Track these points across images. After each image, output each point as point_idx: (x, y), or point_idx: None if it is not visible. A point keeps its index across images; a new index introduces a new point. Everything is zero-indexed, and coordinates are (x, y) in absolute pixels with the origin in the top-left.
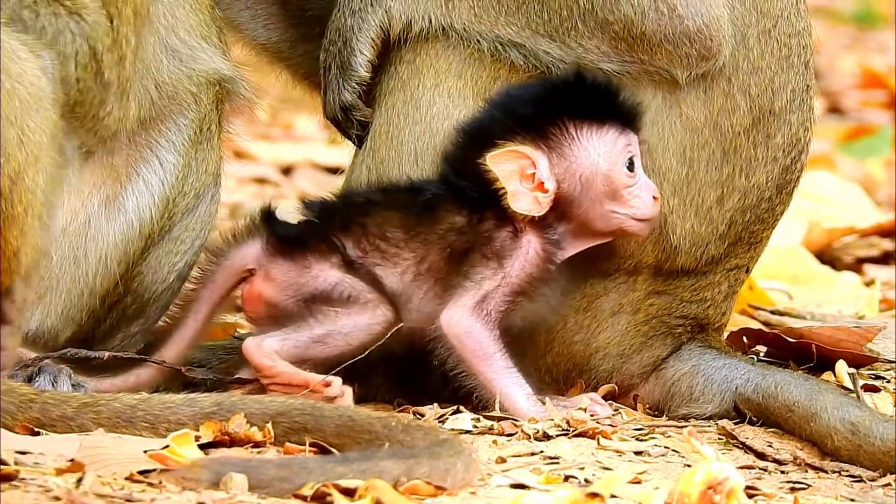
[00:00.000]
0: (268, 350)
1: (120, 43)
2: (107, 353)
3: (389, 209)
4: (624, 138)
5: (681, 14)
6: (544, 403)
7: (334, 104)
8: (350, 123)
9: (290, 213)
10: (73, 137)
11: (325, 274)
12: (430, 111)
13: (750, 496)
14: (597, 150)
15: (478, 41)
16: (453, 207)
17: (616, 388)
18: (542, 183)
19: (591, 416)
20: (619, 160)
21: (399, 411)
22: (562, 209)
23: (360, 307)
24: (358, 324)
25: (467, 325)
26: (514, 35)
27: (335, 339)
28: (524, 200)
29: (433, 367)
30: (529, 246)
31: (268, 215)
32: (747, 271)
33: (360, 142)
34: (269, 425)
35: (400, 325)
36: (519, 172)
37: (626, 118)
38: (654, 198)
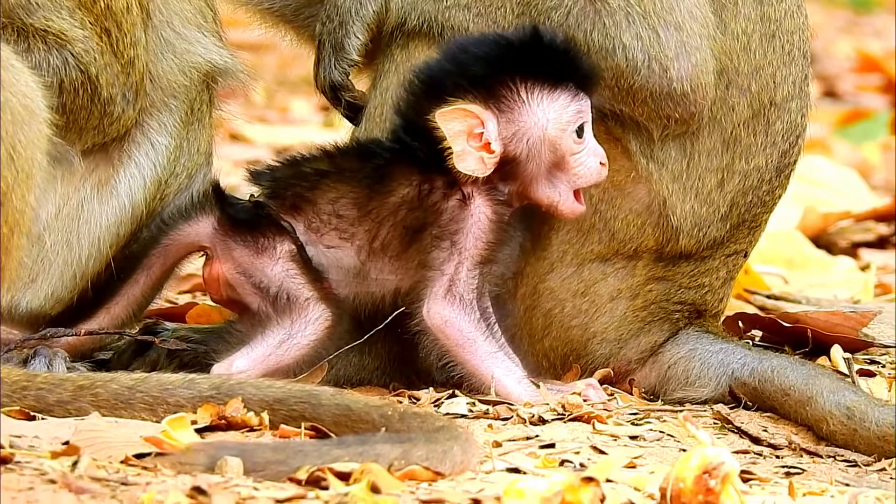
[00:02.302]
0: (238, 371)
1: (124, 51)
2: (83, 329)
3: (340, 181)
4: (576, 104)
5: (672, 76)
6: (539, 387)
7: (325, 80)
8: (338, 102)
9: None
10: (76, 145)
11: (271, 268)
12: None
13: (745, 481)
14: (546, 116)
15: None
16: (403, 173)
17: (612, 372)
18: (489, 144)
19: (585, 400)
20: (569, 127)
21: (394, 395)
22: (507, 170)
23: (300, 308)
24: (306, 323)
25: (444, 315)
26: None
27: (290, 343)
28: (469, 160)
29: (426, 350)
30: (479, 212)
31: (218, 192)
32: (745, 256)
33: (353, 119)
34: (266, 414)
35: (343, 320)
36: (467, 132)
37: (581, 82)
38: (602, 163)
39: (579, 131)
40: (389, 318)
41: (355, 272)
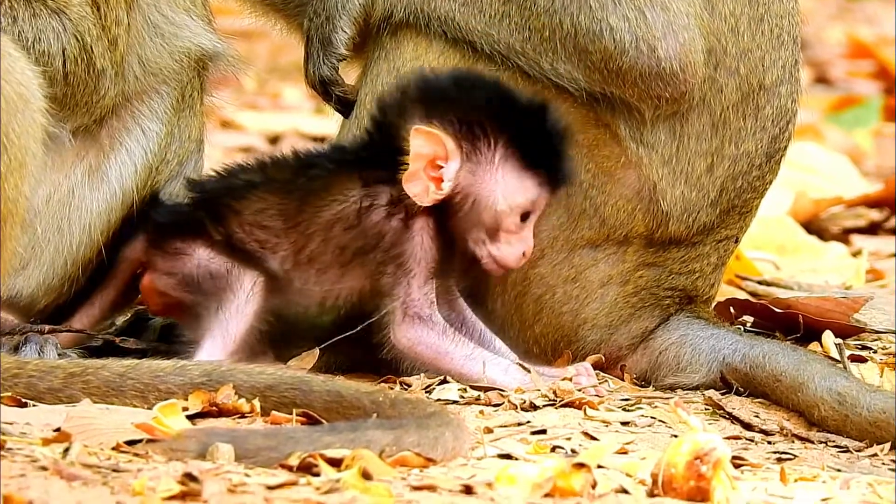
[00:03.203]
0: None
1: (109, 27)
2: (68, 326)
3: (268, 192)
4: (537, 192)
5: (660, 55)
6: (529, 372)
7: (314, 76)
8: (329, 96)
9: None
10: (69, 122)
11: (192, 261)
12: None
13: (736, 466)
14: (505, 189)
15: (455, 39)
16: (343, 187)
17: (603, 358)
18: (442, 180)
19: (577, 386)
20: (519, 209)
21: (384, 381)
22: (446, 209)
23: (230, 286)
24: (240, 296)
25: (410, 337)
26: (492, 46)
27: (236, 318)
28: (416, 184)
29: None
30: (422, 232)
31: (154, 202)
32: (736, 241)
33: (345, 112)
34: (257, 400)
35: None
36: (430, 158)
37: (554, 178)
38: (524, 255)
39: (524, 217)
40: (360, 326)
41: (278, 278)
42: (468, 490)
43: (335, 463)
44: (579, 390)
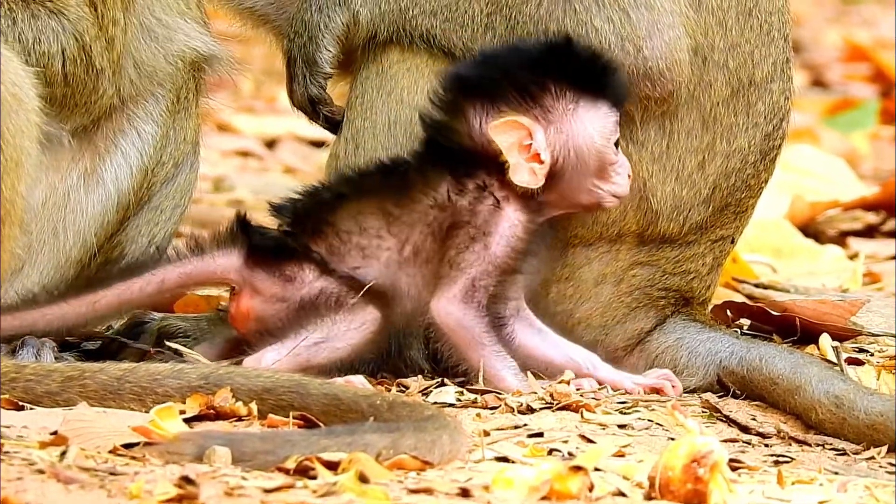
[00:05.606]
0: (268, 364)
1: (106, 27)
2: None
3: (362, 198)
4: (614, 116)
5: (646, 55)
6: (527, 376)
7: (302, 97)
8: (317, 115)
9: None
10: (68, 123)
11: (308, 283)
12: (399, 83)
13: (734, 469)
14: (593, 124)
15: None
16: (432, 179)
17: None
18: (539, 154)
19: (577, 389)
20: (612, 137)
21: (383, 384)
22: (548, 180)
23: (348, 310)
24: (349, 327)
25: (458, 317)
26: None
27: (330, 344)
28: (522, 172)
29: (415, 341)
30: (513, 217)
31: (244, 225)
32: (732, 242)
33: (332, 130)
34: (255, 404)
35: (390, 325)
36: (518, 142)
37: (618, 96)
38: (629, 176)
39: (616, 142)
40: (382, 330)
41: (385, 291)
42: (465, 493)
43: (332, 466)
44: (578, 392)
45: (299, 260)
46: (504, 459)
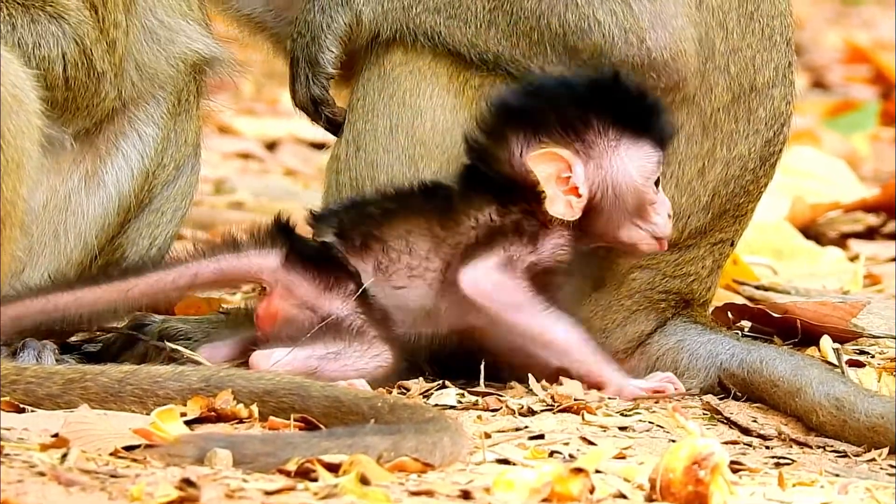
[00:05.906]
0: (275, 363)
1: (108, 30)
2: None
3: (410, 216)
4: (656, 155)
5: (649, 46)
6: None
7: (304, 97)
8: (318, 116)
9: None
10: (70, 126)
11: (340, 302)
12: (401, 86)
13: (734, 471)
14: (633, 163)
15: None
16: (476, 202)
17: None
18: (577, 188)
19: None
20: (652, 175)
21: (382, 386)
22: (587, 214)
23: (367, 342)
24: (363, 356)
25: (494, 280)
26: (481, 55)
27: (341, 363)
28: (558, 204)
29: (422, 344)
30: (558, 237)
31: (285, 228)
32: (732, 245)
33: (333, 131)
34: (256, 406)
35: (399, 366)
36: (556, 174)
37: (662, 136)
38: (669, 215)
39: (657, 182)
40: (360, 290)
41: (424, 311)
42: (466, 495)
43: (333, 468)
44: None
45: (342, 273)
46: (505, 461)
